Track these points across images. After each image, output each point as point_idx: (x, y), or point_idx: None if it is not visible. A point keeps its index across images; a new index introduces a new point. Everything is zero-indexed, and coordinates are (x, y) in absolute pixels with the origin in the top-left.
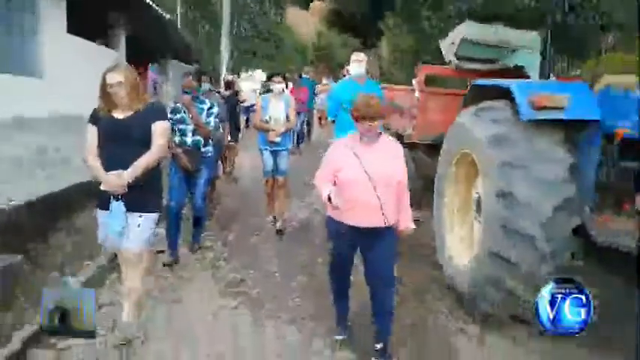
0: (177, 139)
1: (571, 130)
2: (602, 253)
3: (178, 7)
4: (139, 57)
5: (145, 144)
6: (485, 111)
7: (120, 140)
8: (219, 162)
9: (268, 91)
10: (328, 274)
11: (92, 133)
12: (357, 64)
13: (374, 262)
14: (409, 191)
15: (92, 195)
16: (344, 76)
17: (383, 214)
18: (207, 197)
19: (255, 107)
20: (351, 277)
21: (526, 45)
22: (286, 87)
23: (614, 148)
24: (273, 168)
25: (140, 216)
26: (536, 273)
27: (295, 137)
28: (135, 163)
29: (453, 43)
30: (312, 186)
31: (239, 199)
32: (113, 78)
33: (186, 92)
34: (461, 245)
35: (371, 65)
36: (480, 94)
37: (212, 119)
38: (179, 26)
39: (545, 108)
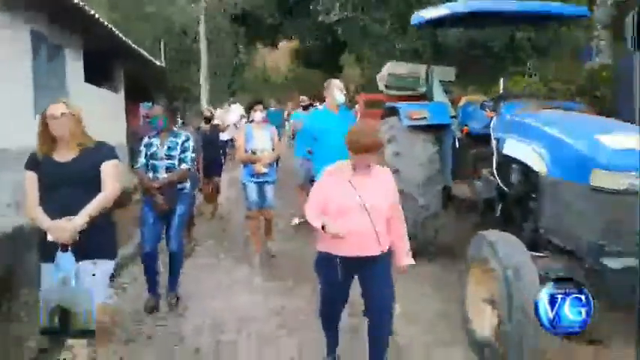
0: (150, 175)
1: (435, 131)
2: (458, 202)
3: (162, 53)
4: (136, 97)
5: (94, 188)
6: (386, 122)
7: (64, 186)
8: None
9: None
10: (319, 314)
11: (31, 180)
12: (339, 92)
13: (373, 292)
14: None
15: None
16: (309, 105)
17: (378, 241)
18: (184, 236)
19: (234, 141)
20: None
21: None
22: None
23: (464, 139)
24: (258, 200)
25: (94, 262)
26: (417, 218)
27: None
28: (84, 208)
29: (383, 76)
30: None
31: (221, 237)
32: (57, 109)
33: (152, 123)
34: None
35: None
36: (388, 112)
37: (188, 154)
38: (164, 66)
39: (416, 119)
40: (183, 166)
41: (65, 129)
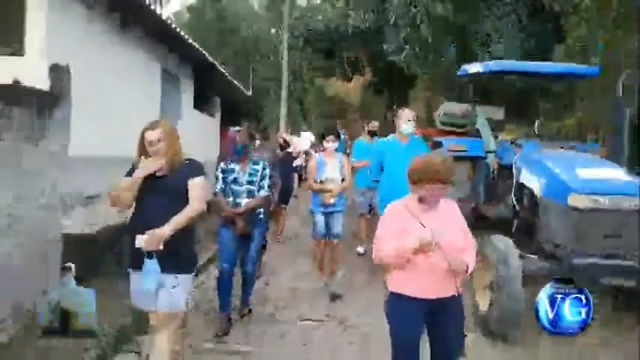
0: (230, 200)
1: (472, 161)
2: (486, 221)
3: (251, 79)
4: (228, 121)
5: (183, 201)
6: (433, 154)
7: (157, 197)
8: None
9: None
10: None
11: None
12: (407, 124)
13: (443, 341)
14: None
15: None
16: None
17: (455, 280)
18: (258, 260)
19: (302, 166)
20: None
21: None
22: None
23: (498, 170)
24: (325, 230)
25: (176, 277)
26: None
27: None
28: (172, 219)
29: (438, 114)
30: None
31: (289, 262)
32: (152, 135)
33: (238, 149)
34: None
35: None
36: (435, 145)
37: (266, 182)
38: (251, 95)
39: (454, 151)
40: (262, 192)
41: (160, 152)
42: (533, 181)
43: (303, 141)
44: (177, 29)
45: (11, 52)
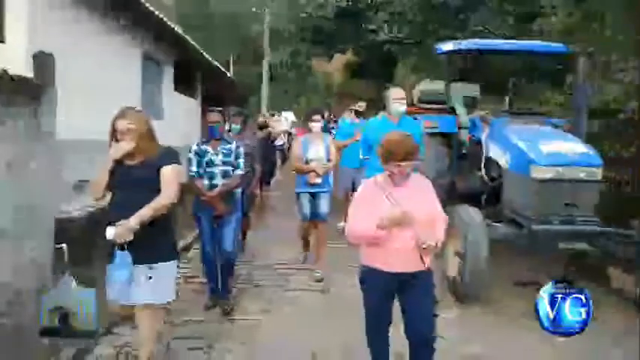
0: (206, 182)
1: (446, 137)
2: (460, 193)
3: (231, 62)
4: (209, 103)
5: (157, 190)
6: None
7: (130, 187)
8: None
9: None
10: (365, 334)
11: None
12: (399, 103)
13: (414, 314)
14: None
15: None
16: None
17: (421, 256)
18: (237, 243)
19: (283, 146)
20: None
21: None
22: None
23: (470, 145)
24: (311, 211)
25: (150, 267)
26: None
27: None
28: (140, 210)
29: (416, 92)
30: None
31: (273, 247)
32: (122, 125)
33: (214, 129)
34: None
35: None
36: None
37: (241, 160)
38: (233, 77)
39: (427, 127)
40: (238, 172)
41: (131, 143)
42: (499, 155)
43: (284, 122)
44: (158, 13)
45: None
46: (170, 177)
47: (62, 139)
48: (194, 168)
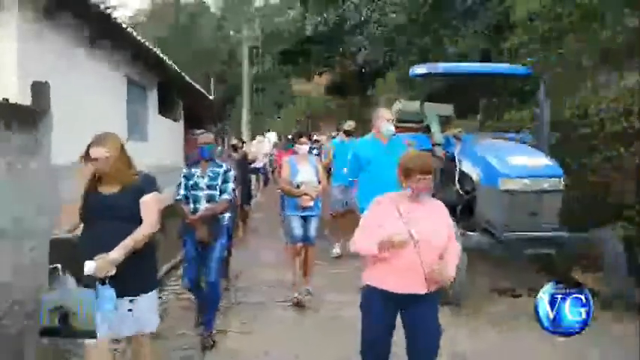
0: (191, 206)
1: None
2: None
3: (212, 87)
4: (192, 126)
5: (135, 221)
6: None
7: (107, 218)
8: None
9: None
10: (360, 353)
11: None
12: (387, 123)
13: (416, 336)
14: None
15: None
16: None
17: (426, 278)
18: (222, 269)
19: (265, 168)
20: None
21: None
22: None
23: (445, 161)
24: (302, 235)
25: (131, 300)
26: None
27: None
28: (121, 243)
29: (395, 112)
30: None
31: (257, 269)
32: (97, 152)
33: (205, 150)
34: None
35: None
36: None
37: (229, 185)
38: (213, 99)
39: (408, 145)
40: (225, 197)
41: (106, 169)
42: (471, 170)
43: (265, 144)
44: (142, 40)
45: None
46: (151, 206)
47: (52, 164)
48: (182, 191)
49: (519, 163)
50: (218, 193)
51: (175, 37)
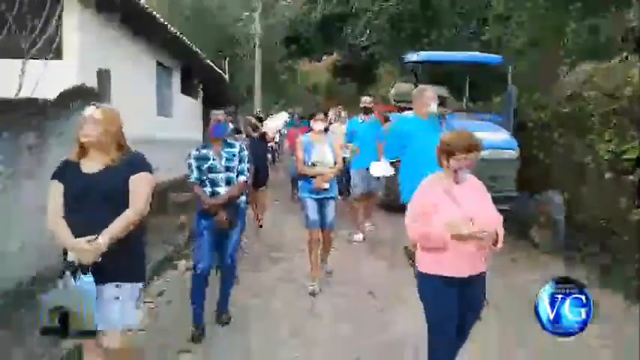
0: (208, 190)
1: None
2: None
3: (227, 65)
4: (209, 104)
5: (124, 203)
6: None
7: (90, 200)
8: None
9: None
10: (431, 349)
11: (56, 190)
12: (433, 102)
13: (467, 312)
14: None
15: None
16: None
17: (484, 257)
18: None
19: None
20: None
21: None
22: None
23: None
24: (318, 219)
25: (117, 285)
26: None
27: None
28: (108, 228)
29: (392, 93)
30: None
31: (271, 255)
32: (90, 110)
33: (217, 128)
34: None
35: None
36: (386, 119)
37: (245, 165)
38: (228, 79)
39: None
40: (242, 178)
41: (91, 134)
42: None
43: (277, 121)
44: (171, 28)
45: (52, 57)
46: (142, 186)
47: None
48: (195, 174)
49: (484, 137)
50: (235, 175)
51: (189, 20)
